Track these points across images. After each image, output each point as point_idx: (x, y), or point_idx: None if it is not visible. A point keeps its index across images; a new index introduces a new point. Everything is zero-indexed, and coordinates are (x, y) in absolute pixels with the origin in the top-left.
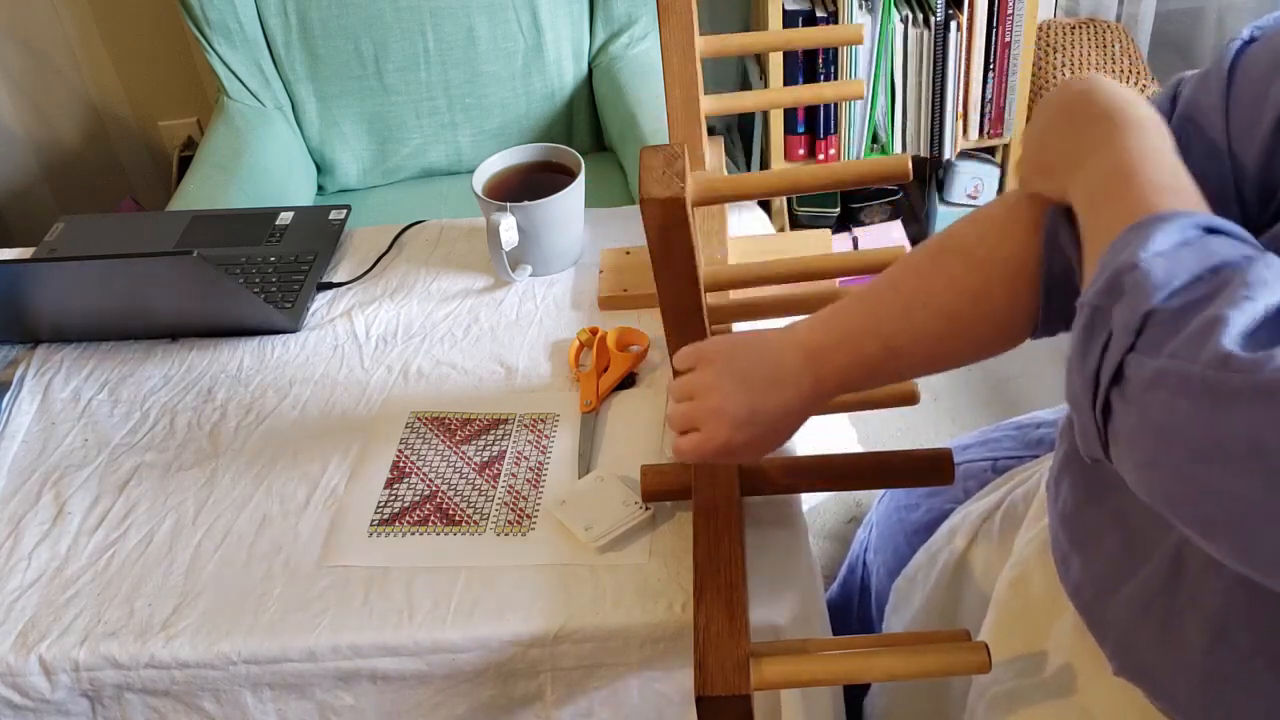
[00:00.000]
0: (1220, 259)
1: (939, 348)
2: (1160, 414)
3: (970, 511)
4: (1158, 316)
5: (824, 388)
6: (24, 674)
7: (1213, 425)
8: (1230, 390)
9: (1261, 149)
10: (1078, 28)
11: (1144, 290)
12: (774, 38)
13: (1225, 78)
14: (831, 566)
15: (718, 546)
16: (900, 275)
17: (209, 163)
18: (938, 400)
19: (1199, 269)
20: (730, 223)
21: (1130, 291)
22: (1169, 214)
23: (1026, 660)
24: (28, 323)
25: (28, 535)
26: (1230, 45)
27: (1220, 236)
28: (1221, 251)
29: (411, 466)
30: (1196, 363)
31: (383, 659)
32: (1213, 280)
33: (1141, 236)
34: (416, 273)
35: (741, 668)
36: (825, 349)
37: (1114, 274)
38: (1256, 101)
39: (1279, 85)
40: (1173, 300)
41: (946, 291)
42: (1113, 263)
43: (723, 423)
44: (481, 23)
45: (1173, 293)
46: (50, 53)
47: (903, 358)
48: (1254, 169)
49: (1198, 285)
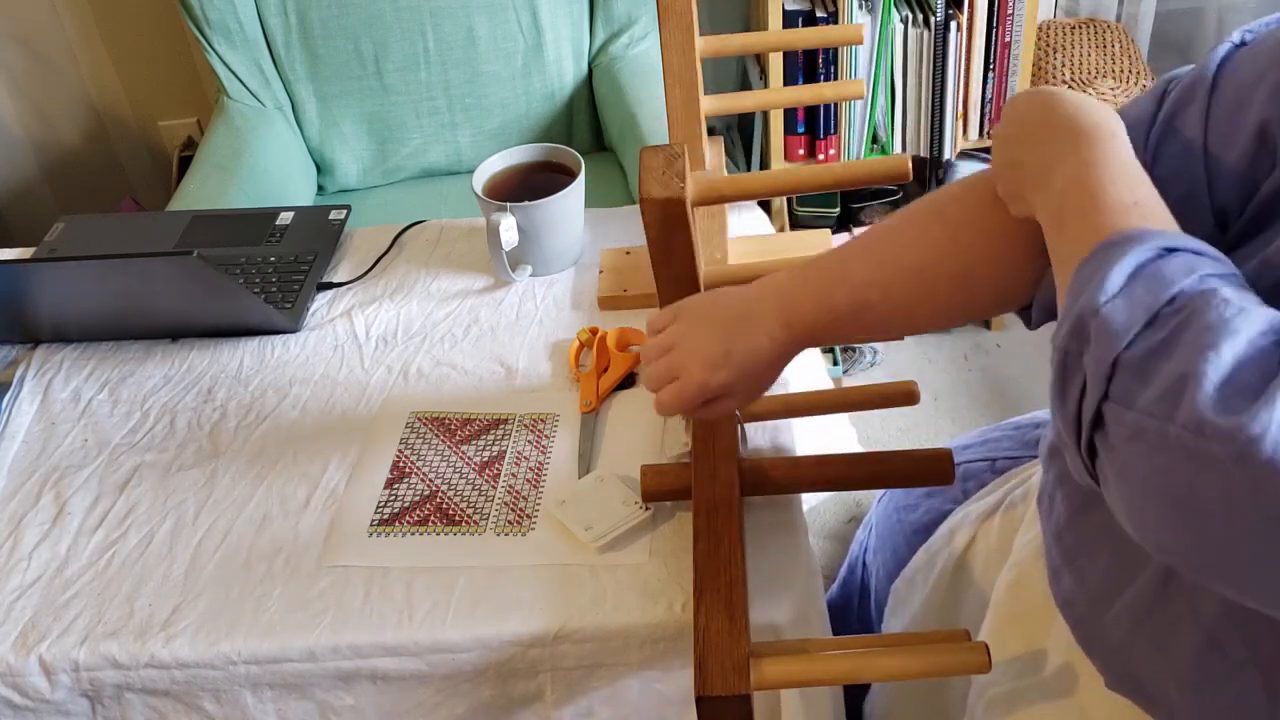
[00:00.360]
0: (1176, 288)
1: (905, 303)
2: (1142, 466)
3: (969, 512)
4: (1124, 363)
5: (794, 333)
6: (24, 674)
7: (1192, 484)
8: (1207, 456)
9: (1242, 153)
10: (1078, 28)
11: (1107, 337)
12: (774, 38)
13: (1210, 80)
14: (831, 566)
15: (718, 546)
16: (875, 231)
17: (209, 163)
18: (938, 400)
19: (1156, 304)
20: (730, 223)
21: (1095, 339)
22: (1124, 238)
23: (1026, 661)
24: (28, 323)
25: (28, 535)
26: (1219, 48)
27: (1177, 256)
28: (1177, 278)
29: (411, 466)
30: (1173, 423)
31: (383, 659)
32: (1172, 318)
33: (1100, 274)
34: (416, 273)
35: (741, 668)
36: (796, 296)
37: (1078, 319)
38: (1240, 106)
39: (1263, 91)
40: (1136, 346)
41: (915, 248)
42: (1075, 305)
43: (698, 364)
44: (481, 23)
45: (1135, 337)
46: (50, 53)
47: (870, 311)
48: (1232, 173)
49: (1158, 326)
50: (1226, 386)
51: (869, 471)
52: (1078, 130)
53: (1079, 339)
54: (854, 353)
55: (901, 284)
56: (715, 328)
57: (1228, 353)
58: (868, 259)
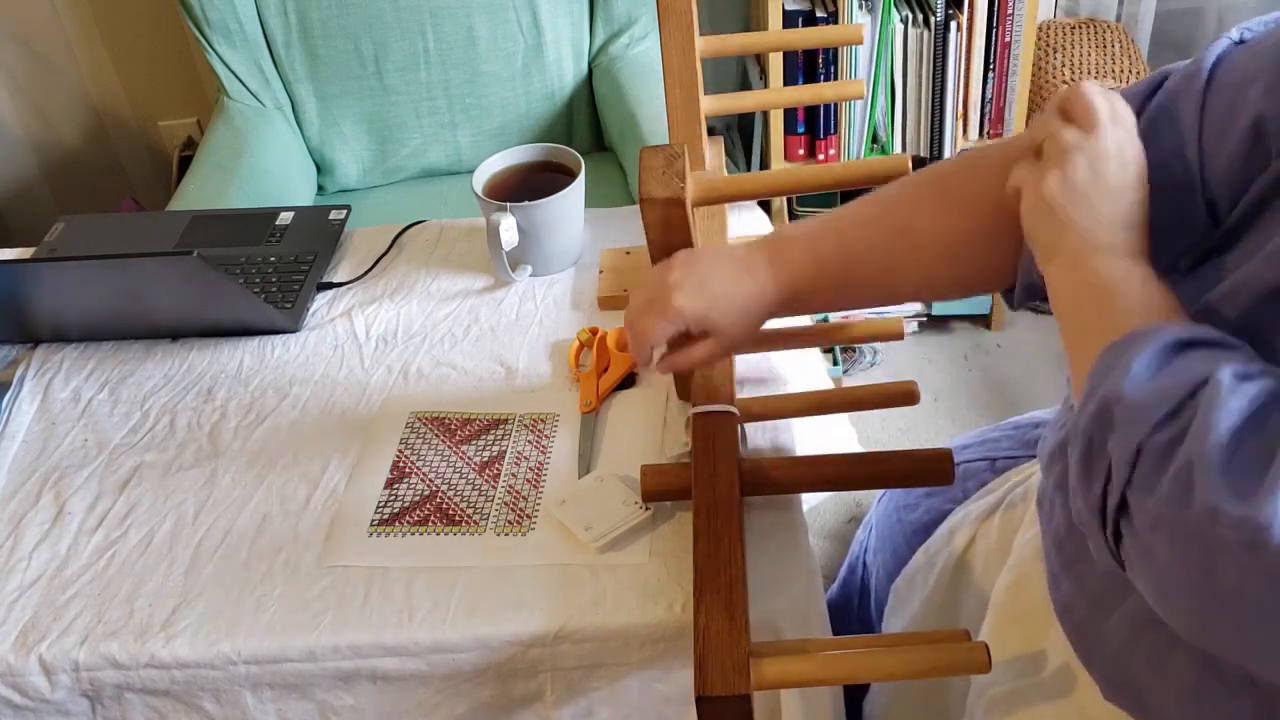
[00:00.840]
0: (1193, 382)
1: (889, 261)
2: (1165, 553)
3: (969, 511)
4: (1147, 450)
5: (779, 280)
6: (24, 674)
7: (1210, 570)
8: (1222, 543)
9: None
10: (1078, 28)
11: (1132, 425)
12: (774, 38)
13: (1207, 73)
14: (831, 566)
15: (718, 546)
16: (873, 193)
17: (209, 163)
18: (938, 400)
19: (1179, 393)
20: (730, 223)
21: (1120, 426)
22: (1147, 331)
23: (1025, 661)
24: (28, 323)
25: (28, 535)
26: (1217, 43)
27: (1197, 350)
28: (1194, 372)
29: (411, 466)
30: (1189, 510)
31: (383, 659)
32: (1191, 409)
33: (1124, 363)
34: (416, 273)
35: (741, 668)
36: (786, 241)
37: (1102, 404)
38: (1234, 103)
39: (1257, 89)
40: (1159, 434)
41: (906, 206)
42: (1099, 389)
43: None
44: (481, 23)
45: (1157, 425)
46: (50, 53)
47: (856, 264)
48: (1225, 166)
49: (1179, 416)
50: (1230, 470)
51: (869, 471)
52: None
53: (1102, 425)
54: (854, 353)
55: (888, 241)
56: (702, 263)
57: (1227, 433)
58: (859, 213)
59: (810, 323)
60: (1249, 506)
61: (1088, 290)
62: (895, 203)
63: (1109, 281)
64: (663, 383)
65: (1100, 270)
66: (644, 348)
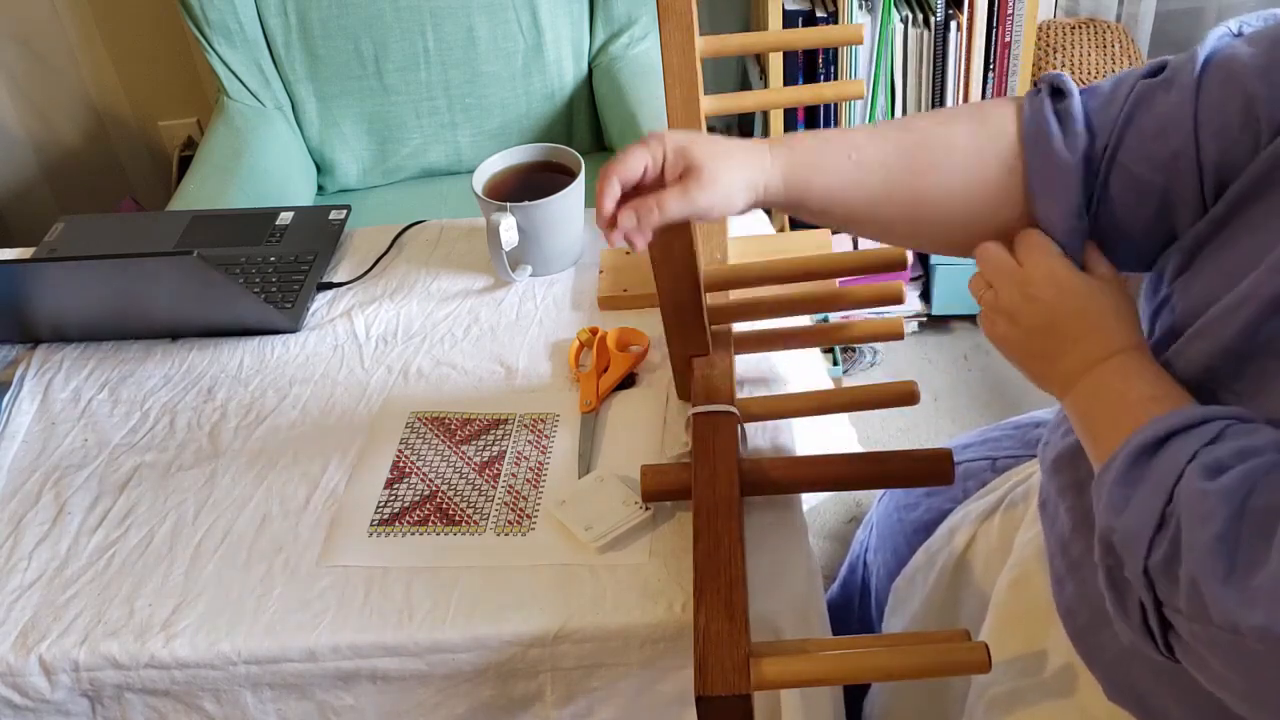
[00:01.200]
0: (1166, 489)
1: (895, 177)
2: (1215, 663)
3: (970, 511)
4: (1154, 572)
5: (778, 162)
6: (24, 674)
7: (1255, 674)
8: (1254, 654)
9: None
10: (1078, 28)
11: (1130, 552)
12: (774, 38)
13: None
14: (831, 566)
15: (718, 546)
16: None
17: (209, 163)
18: (938, 400)
19: (1158, 505)
20: (730, 223)
21: (1123, 554)
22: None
23: (1026, 660)
24: (28, 323)
25: (28, 535)
26: (1215, 32)
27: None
28: (1164, 475)
29: (411, 466)
30: (1213, 625)
31: (383, 659)
32: (1173, 517)
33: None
34: (416, 273)
35: (741, 668)
36: (796, 136)
37: (1103, 538)
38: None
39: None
40: (1155, 554)
41: (923, 128)
42: (1098, 522)
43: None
44: (481, 23)
45: (1151, 545)
46: (50, 53)
47: (863, 170)
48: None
49: (1166, 527)
50: (1231, 580)
51: (869, 471)
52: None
53: (1112, 557)
54: (854, 353)
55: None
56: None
57: (1215, 542)
58: (872, 127)
59: (810, 323)
60: (1263, 615)
61: (1077, 420)
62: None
63: (1085, 412)
64: (663, 383)
65: (1074, 402)
66: (611, 187)
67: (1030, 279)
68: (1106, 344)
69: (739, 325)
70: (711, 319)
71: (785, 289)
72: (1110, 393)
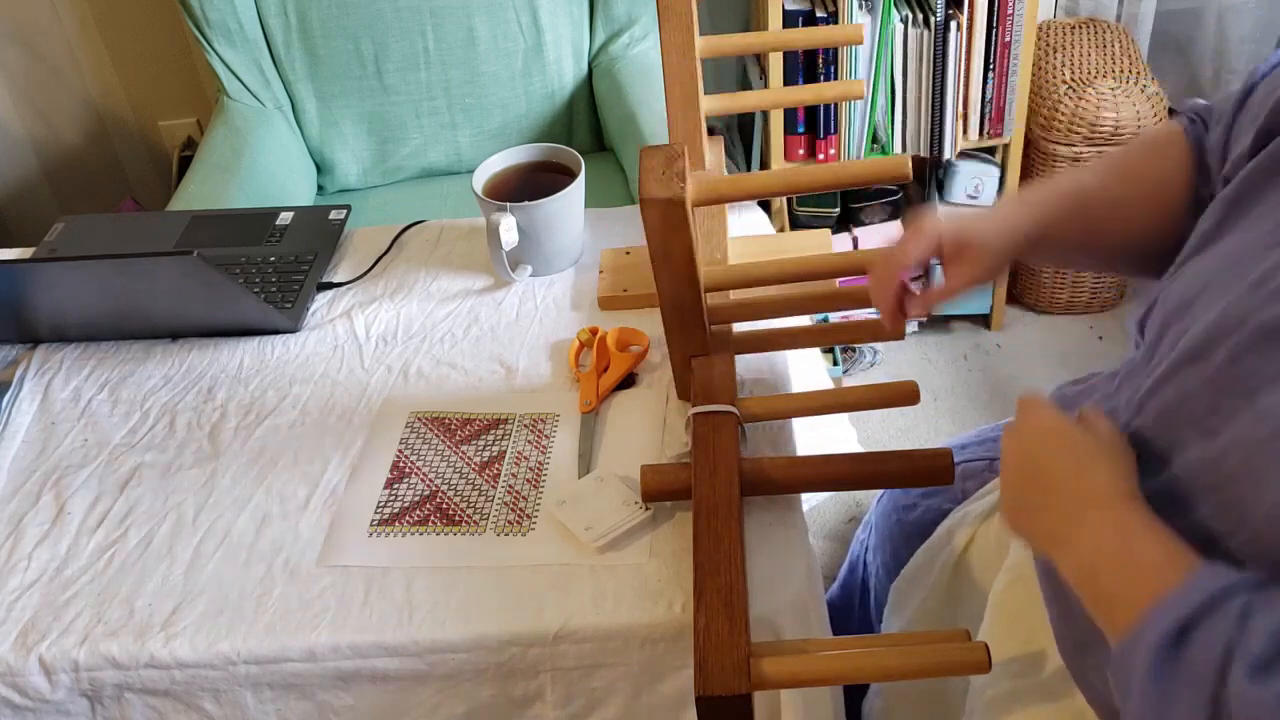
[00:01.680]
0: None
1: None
2: None
3: (969, 511)
4: None
5: (1029, 210)
6: (24, 674)
7: None
8: None
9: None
10: (1078, 28)
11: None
12: (774, 38)
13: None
14: (831, 566)
15: (718, 546)
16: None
17: (209, 163)
18: (938, 400)
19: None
20: (730, 223)
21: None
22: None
23: (1025, 661)
24: (28, 323)
25: (28, 535)
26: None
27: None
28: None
29: (411, 466)
30: None
31: (383, 659)
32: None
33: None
34: (416, 273)
35: (741, 668)
36: (1032, 188)
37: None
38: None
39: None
40: None
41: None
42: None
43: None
44: (481, 23)
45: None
46: (50, 53)
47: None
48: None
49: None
50: None
51: (869, 471)
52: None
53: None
54: (854, 353)
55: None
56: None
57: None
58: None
59: (810, 323)
60: None
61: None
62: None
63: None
64: (663, 383)
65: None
66: (891, 279)
67: (1020, 432)
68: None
69: (739, 325)
70: (711, 319)
71: (785, 289)
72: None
